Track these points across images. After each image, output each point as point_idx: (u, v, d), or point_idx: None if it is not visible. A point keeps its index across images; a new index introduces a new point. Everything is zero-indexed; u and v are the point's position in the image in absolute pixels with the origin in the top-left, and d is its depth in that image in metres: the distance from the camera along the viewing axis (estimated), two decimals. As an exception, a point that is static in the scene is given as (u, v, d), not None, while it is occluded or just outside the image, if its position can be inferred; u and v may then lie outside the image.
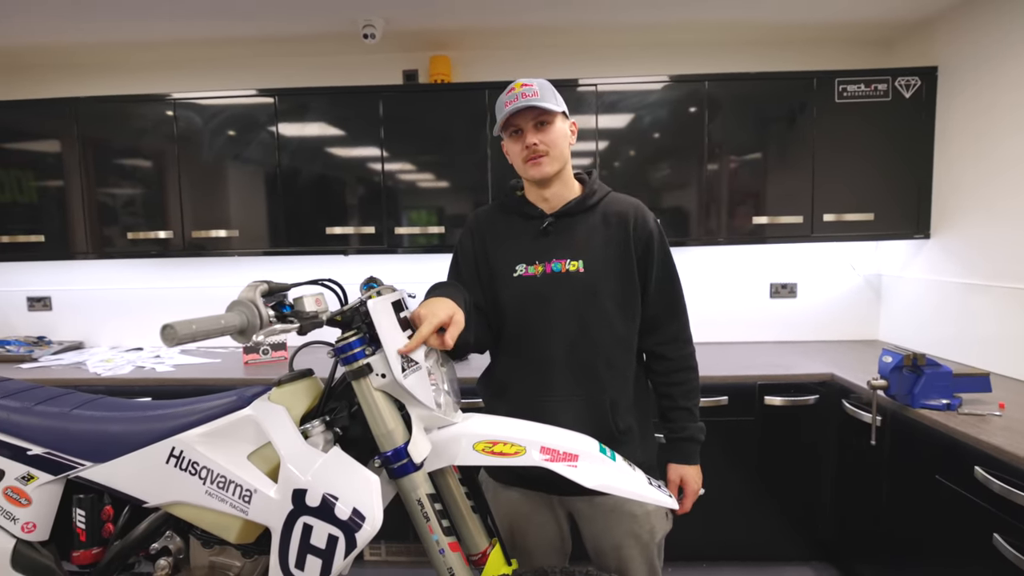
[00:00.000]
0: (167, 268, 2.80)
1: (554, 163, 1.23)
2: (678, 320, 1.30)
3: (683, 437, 1.29)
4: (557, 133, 1.23)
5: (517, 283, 1.25)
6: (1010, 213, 2.00)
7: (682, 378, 1.30)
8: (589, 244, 1.24)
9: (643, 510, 1.24)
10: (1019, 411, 1.63)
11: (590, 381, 1.23)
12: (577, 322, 1.22)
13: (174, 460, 0.98)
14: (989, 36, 2.07)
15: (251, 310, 0.82)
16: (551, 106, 1.19)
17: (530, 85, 1.21)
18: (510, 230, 1.30)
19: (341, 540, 0.87)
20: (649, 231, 1.26)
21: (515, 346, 1.27)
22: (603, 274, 1.23)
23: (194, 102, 2.39)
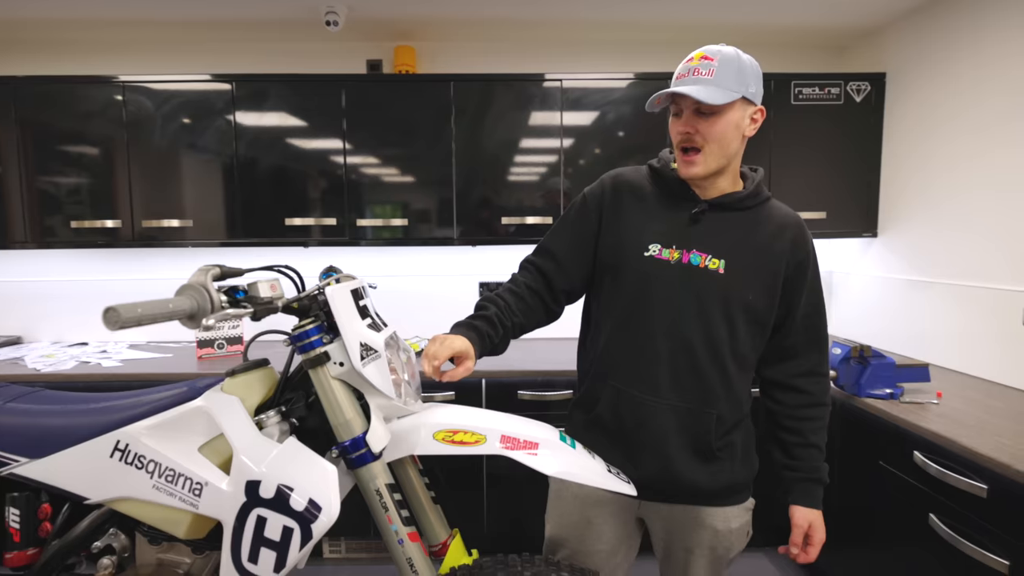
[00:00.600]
0: (114, 259, 2.68)
1: (710, 161, 1.06)
2: (820, 352, 1.17)
3: (813, 478, 1.15)
4: (724, 125, 1.04)
5: (646, 263, 1.11)
6: (950, 214, 2.11)
7: (815, 414, 1.16)
8: (737, 246, 1.10)
9: (727, 527, 1.15)
10: (955, 400, 1.73)
11: (701, 392, 1.10)
12: (702, 325, 1.09)
13: (119, 454, 0.93)
14: (933, 45, 2.17)
15: (201, 294, 0.78)
16: (714, 99, 1.00)
17: (710, 60, 1.02)
18: (656, 202, 1.14)
19: (296, 532, 0.85)
20: (807, 252, 1.13)
21: (626, 331, 1.14)
22: (743, 282, 1.09)
23: (146, 86, 2.29)
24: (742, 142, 1.10)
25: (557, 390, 2.11)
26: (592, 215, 1.19)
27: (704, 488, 1.13)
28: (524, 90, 2.34)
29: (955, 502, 1.42)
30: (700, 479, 1.12)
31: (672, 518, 1.18)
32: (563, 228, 1.23)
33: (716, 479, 1.13)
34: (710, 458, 1.13)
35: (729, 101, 1.02)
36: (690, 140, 1.06)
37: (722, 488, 1.15)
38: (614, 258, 1.16)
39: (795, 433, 1.16)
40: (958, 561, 1.40)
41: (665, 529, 1.20)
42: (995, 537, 1.31)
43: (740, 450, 1.16)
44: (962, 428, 1.49)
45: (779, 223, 1.12)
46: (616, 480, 1.04)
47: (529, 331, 1.22)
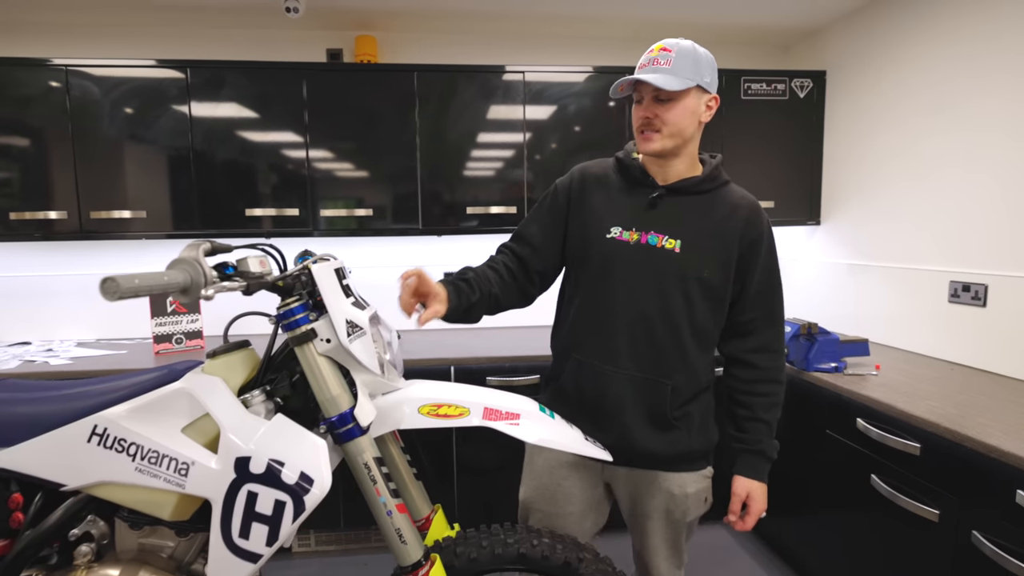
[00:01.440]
0: (58, 253, 2.54)
1: (666, 141, 1.14)
2: (774, 328, 1.23)
3: (756, 451, 1.22)
4: (681, 110, 1.12)
5: (608, 244, 1.19)
6: (885, 202, 2.29)
7: (767, 390, 1.22)
8: (693, 226, 1.17)
9: (682, 492, 1.22)
10: (891, 372, 1.89)
11: (657, 363, 1.18)
12: (659, 300, 1.17)
13: (97, 439, 0.92)
14: (870, 44, 2.34)
15: (195, 268, 0.79)
16: (671, 85, 1.08)
17: (668, 51, 1.11)
18: (617, 190, 1.23)
19: (289, 505, 0.86)
20: (760, 232, 1.19)
21: (590, 308, 1.22)
22: (698, 261, 1.16)
23: (92, 71, 2.19)
24: (698, 128, 1.17)
25: (524, 375, 2.16)
26: (561, 203, 1.28)
27: (660, 455, 1.20)
28: (487, 82, 2.37)
29: (893, 462, 1.56)
30: (656, 446, 1.20)
31: (633, 482, 1.26)
32: (537, 215, 1.31)
33: (672, 447, 1.20)
34: (666, 427, 1.19)
35: (684, 88, 1.10)
36: (649, 124, 1.14)
37: (677, 455, 1.22)
38: (580, 241, 1.24)
39: (745, 407, 1.23)
40: (896, 515, 1.54)
41: (628, 495, 1.28)
42: (927, 490, 1.46)
43: (697, 421, 1.23)
44: (898, 395, 1.64)
45: (734, 204, 1.20)
46: (593, 447, 1.09)
47: (504, 308, 1.28)
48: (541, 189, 2.45)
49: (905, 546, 1.53)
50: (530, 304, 1.32)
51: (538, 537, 1.11)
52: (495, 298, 1.23)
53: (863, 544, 1.69)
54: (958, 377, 1.81)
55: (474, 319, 1.22)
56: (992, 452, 1.28)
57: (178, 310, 2.32)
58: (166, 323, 2.29)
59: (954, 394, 1.64)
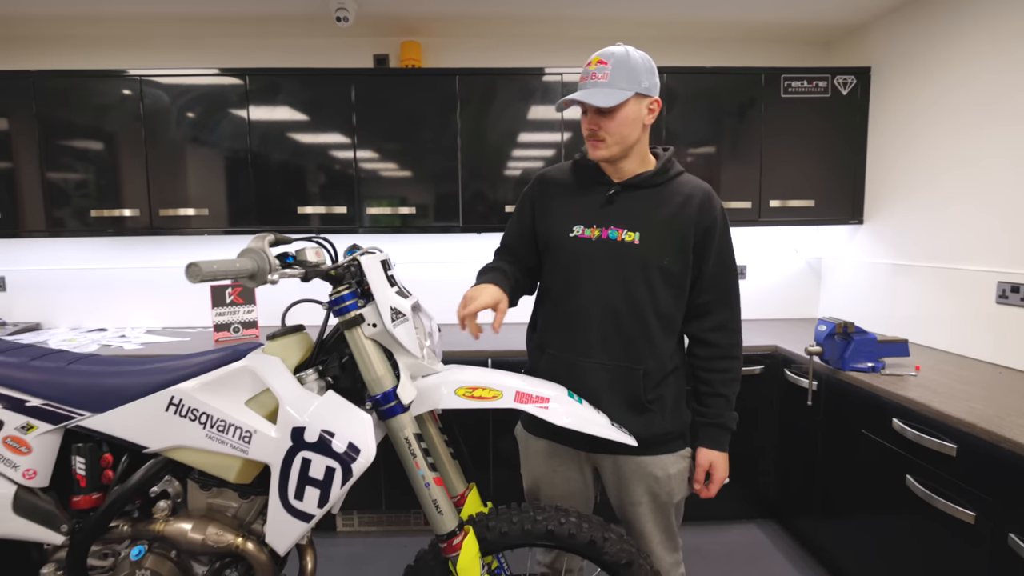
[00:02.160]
0: (127, 248, 2.77)
1: (613, 149, 1.22)
2: (729, 308, 1.30)
3: (716, 423, 1.30)
4: (621, 120, 1.19)
5: (571, 243, 1.27)
6: (931, 201, 2.24)
7: (724, 366, 1.30)
8: (649, 219, 1.24)
9: (665, 473, 1.28)
10: (932, 373, 1.85)
11: (627, 351, 1.25)
12: (623, 292, 1.24)
13: (174, 408, 1.04)
14: (916, 40, 2.29)
15: (261, 256, 0.89)
16: (607, 102, 1.16)
17: (605, 64, 1.17)
18: (576, 191, 1.31)
19: (338, 471, 0.96)
20: (713, 217, 1.25)
21: (561, 304, 1.30)
22: (657, 250, 1.23)
23: (162, 80, 2.38)
24: (643, 130, 1.25)
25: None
26: (527, 210, 1.39)
27: (639, 437, 1.24)
28: (526, 83, 2.45)
29: (928, 462, 1.55)
30: (634, 430, 1.24)
31: (618, 473, 1.31)
32: (512, 224, 1.44)
33: (649, 429, 1.26)
34: (642, 410, 1.26)
35: (622, 101, 1.17)
36: (594, 135, 1.22)
37: (655, 437, 1.27)
38: (547, 242, 1.33)
39: (706, 383, 1.31)
40: (932, 517, 1.52)
41: (615, 486, 1.33)
42: (963, 491, 1.44)
43: (670, 403, 1.29)
44: (935, 395, 1.62)
45: (687, 193, 1.27)
46: (618, 432, 1.15)
47: (525, 293, 1.41)
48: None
49: (941, 548, 1.52)
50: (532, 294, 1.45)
51: (566, 516, 1.17)
52: (522, 282, 1.37)
53: (898, 546, 1.67)
54: (1004, 380, 1.76)
55: (516, 302, 1.34)
56: (1029, 453, 1.27)
57: (236, 301, 2.49)
58: (225, 313, 2.46)
59: (995, 396, 1.60)
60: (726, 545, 2.29)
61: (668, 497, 1.30)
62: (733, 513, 2.47)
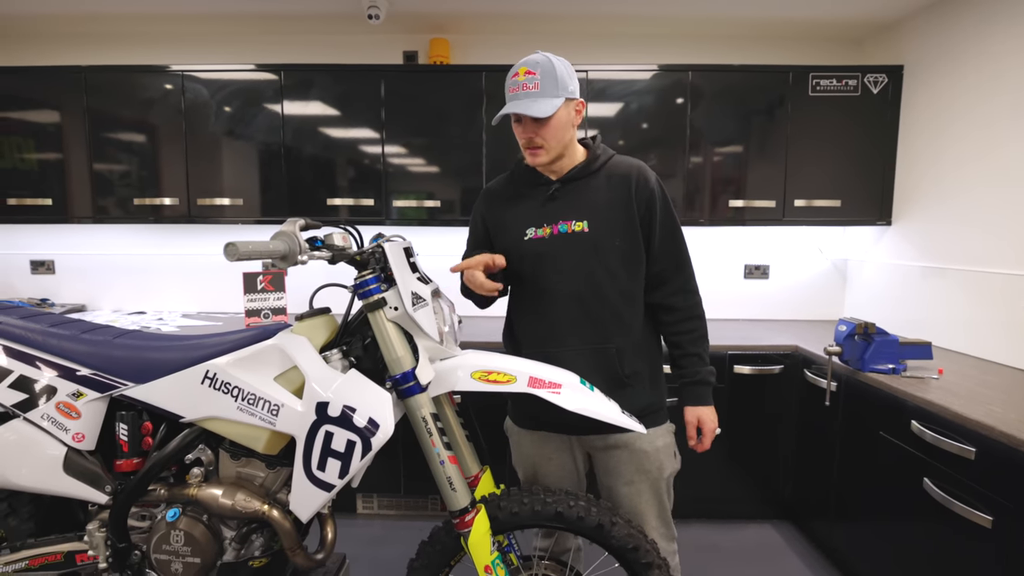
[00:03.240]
0: (167, 235, 2.90)
1: (551, 153, 1.29)
2: (683, 272, 1.36)
3: (695, 380, 1.36)
4: (555, 126, 1.26)
5: (527, 245, 1.33)
6: (961, 204, 2.19)
7: (690, 326, 1.36)
8: (593, 205, 1.31)
9: (653, 447, 1.34)
10: (955, 377, 1.83)
11: (597, 332, 1.31)
12: (584, 278, 1.30)
13: (208, 381, 1.12)
14: (951, 39, 2.25)
15: (292, 239, 0.96)
16: (544, 112, 1.22)
17: (533, 74, 1.23)
18: (520, 197, 1.38)
19: (358, 444, 1.02)
20: (651, 190, 1.32)
21: (529, 304, 1.37)
22: (607, 232, 1.29)
23: (202, 75, 2.49)
24: (573, 129, 1.33)
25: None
26: (480, 228, 1.46)
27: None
28: (552, 80, 2.47)
29: (946, 465, 1.53)
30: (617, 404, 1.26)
31: (607, 452, 1.36)
32: (469, 243, 1.51)
33: (632, 402, 1.30)
34: (622, 385, 1.31)
35: (555, 110, 1.23)
36: (532, 143, 1.28)
37: (639, 410, 1.29)
38: (506, 250, 1.37)
39: (677, 346, 1.38)
40: (947, 520, 1.51)
41: (606, 468, 1.38)
42: (980, 495, 1.43)
43: (647, 375, 1.36)
44: (955, 398, 1.60)
45: (622, 173, 1.33)
46: (628, 419, 1.18)
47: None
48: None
49: (956, 552, 1.50)
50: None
51: (575, 499, 1.21)
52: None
53: (913, 549, 1.66)
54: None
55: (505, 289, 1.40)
56: (1048, 457, 1.25)
57: (267, 288, 2.59)
58: (256, 299, 2.57)
59: (1017, 400, 1.58)
60: (741, 544, 2.30)
61: (659, 472, 1.36)
62: (749, 513, 2.47)
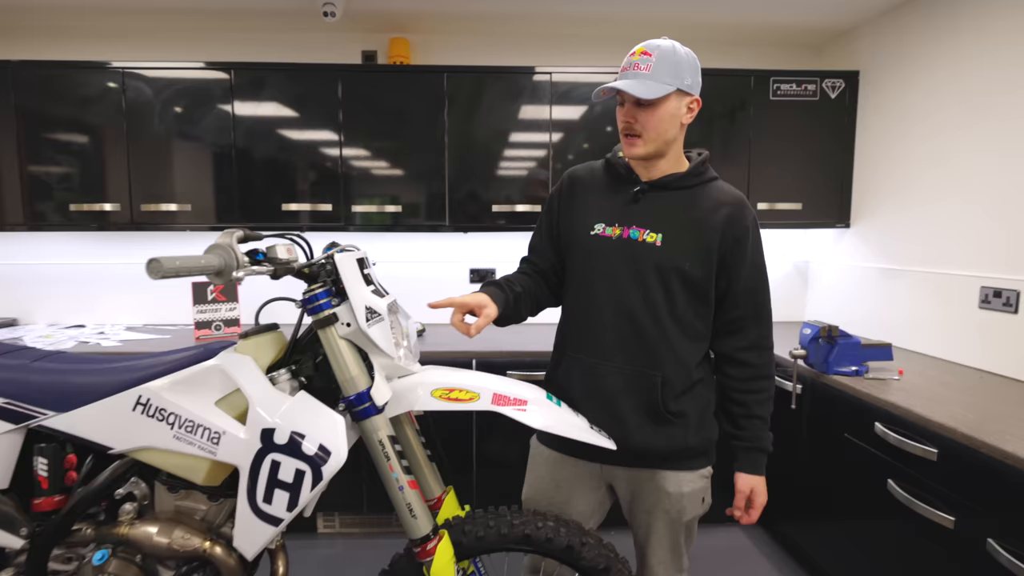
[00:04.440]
0: (110, 243, 2.72)
1: (648, 146, 1.17)
2: (762, 325, 1.24)
3: (756, 447, 1.24)
4: (660, 115, 1.14)
5: (591, 241, 1.23)
6: (917, 205, 2.24)
7: (760, 386, 1.24)
8: (674, 220, 1.19)
9: (677, 490, 1.23)
10: (915, 378, 1.86)
11: (644, 355, 1.19)
12: (642, 294, 1.19)
13: (141, 407, 1.01)
14: (905, 45, 2.30)
15: (228, 253, 0.87)
16: (649, 94, 1.10)
17: (649, 55, 1.12)
18: (603, 188, 1.27)
19: (308, 474, 0.93)
20: (744, 227, 1.19)
21: (578, 305, 1.26)
22: (679, 255, 1.17)
23: (145, 73, 2.34)
24: (680, 129, 1.19)
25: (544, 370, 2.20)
26: (554, 208, 1.35)
27: (656, 450, 1.21)
28: (515, 82, 2.43)
29: (910, 467, 1.55)
30: (652, 442, 1.20)
31: (633, 480, 1.27)
32: (539, 224, 1.40)
33: (669, 443, 1.21)
34: (662, 421, 1.20)
35: (663, 95, 1.12)
36: (630, 128, 1.17)
37: (674, 452, 1.22)
38: (568, 240, 1.29)
39: (741, 405, 1.24)
40: (912, 521, 1.52)
41: (629, 491, 1.29)
42: (943, 496, 1.44)
43: (694, 418, 1.22)
44: (917, 400, 1.62)
45: (717, 200, 1.21)
46: (597, 435, 1.13)
47: (542, 305, 1.36)
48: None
49: (921, 552, 1.52)
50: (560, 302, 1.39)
51: (543, 520, 1.16)
52: (533, 296, 1.32)
53: (879, 549, 1.67)
54: (986, 385, 1.77)
55: (523, 315, 1.30)
56: (1008, 459, 1.27)
57: (218, 299, 2.45)
58: (207, 311, 2.43)
59: (977, 401, 1.61)
60: (710, 548, 2.29)
61: (678, 515, 1.25)
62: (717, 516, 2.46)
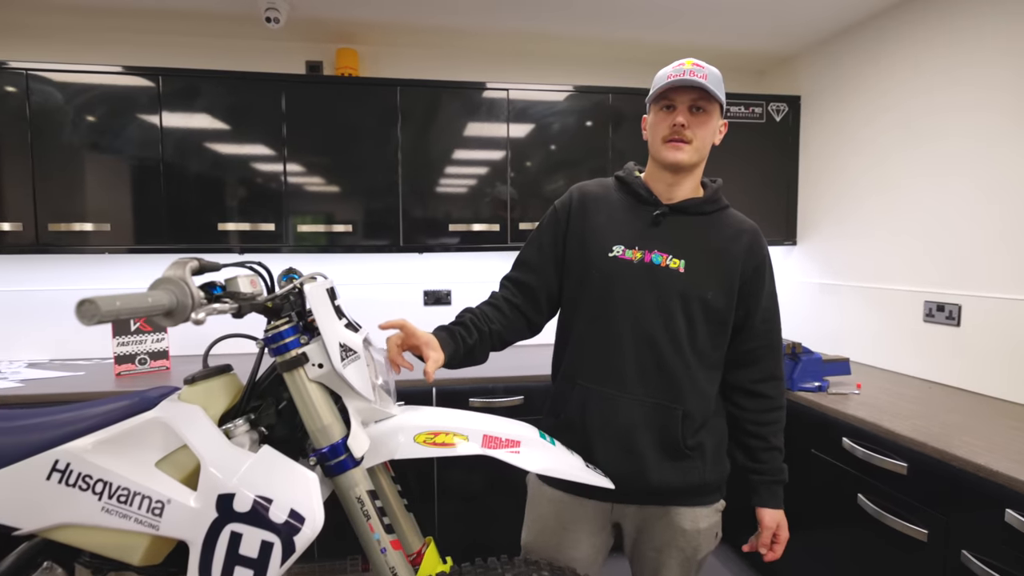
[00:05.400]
0: (8, 267, 2.38)
1: (693, 155, 1.14)
2: (775, 356, 1.22)
3: (777, 480, 1.21)
4: (709, 127, 1.14)
5: (611, 263, 1.16)
6: (858, 223, 2.35)
7: (776, 417, 1.22)
8: (697, 247, 1.16)
9: (693, 527, 1.17)
10: (872, 390, 1.91)
11: (666, 387, 1.14)
12: (664, 321, 1.13)
13: (58, 475, 0.83)
14: (841, 72, 2.43)
15: (181, 288, 0.71)
16: (716, 91, 1.10)
17: (702, 67, 1.11)
18: (620, 208, 1.21)
19: (277, 546, 0.79)
20: (763, 256, 1.19)
21: (593, 330, 1.18)
22: (703, 282, 1.14)
23: (54, 76, 2.07)
24: (710, 149, 1.18)
25: (507, 396, 2.11)
26: (561, 222, 1.25)
27: (674, 487, 1.15)
28: (472, 98, 2.35)
29: (880, 481, 1.57)
30: (670, 479, 1.15)
31: (643, 518, 1.21)
32: (536, 238, 1.29)
33: (686, 478, 1.16)
34: (680, 456, 1.15)
35: (719, 100, 1.12)
36: (681, 133, 1.12)
37: (692, 488, 1.17)
38: (581, 261, 1.20)
39: (759, 438, 1.21)
40: (884, 535, 1.54)
41: (636, 528, 1.22)
42: (914, 509, 1.46)
43: (711, 451, 1.18)
44: (883, 414, 1.65)
45: (736, 228, 1.19)
46: (594, 475, 1.05)
47: (509, 342, 1.24)
48: (524, 207, 2.43)
49: (894, 566, 1.53)
50: (537, 333, 1.29)
51: (537, 570, 1.05)
52: (497, 335, 1.21)
53: (850, 563, 1.68)
54: (937, 396, 1.85)
55: (479, 360, 1.19)
56: (980, 471, 1.30)
57: (142, 328, 2.19)
58: (129, 343, 2.16)
59: (936, 413, 1.66)
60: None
61: (693, 552, 1.19)
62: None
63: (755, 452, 1.21)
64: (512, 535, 1.34)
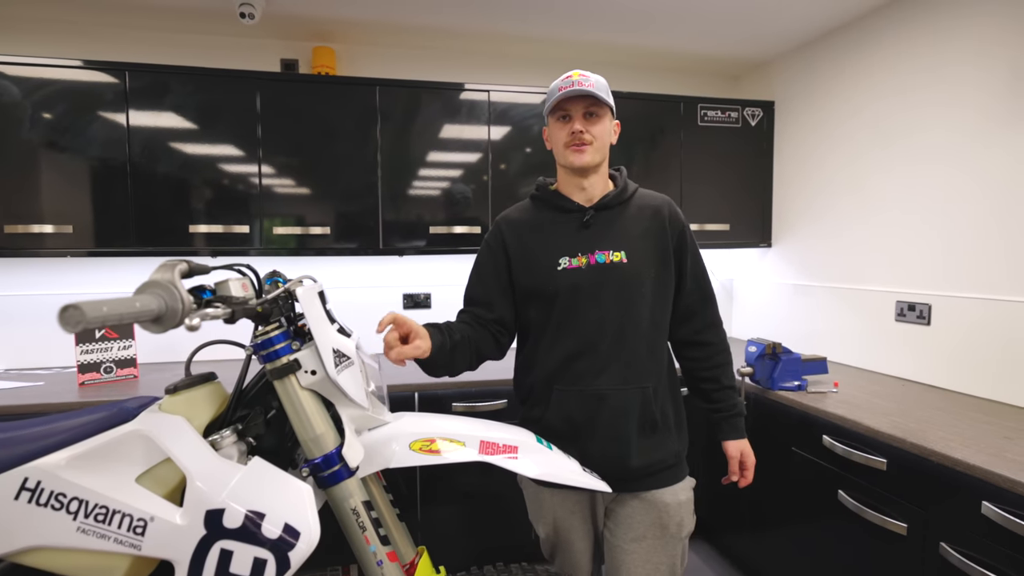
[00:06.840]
0: (-38, 272, 2.25)
1: (595, 155, 1.24)
2: (710, 305, 1.34)
3: (734, 414, 1.35)
4: (604, 127, 1.25)
5: (562, 276, 1.24)
6: (831, 225, 2.42)
7: (723, 359, 1.35)
8: (629, 235, 1.26)
9: (676, 500, 1.26)
10: (849, 389, 1.96)
11: (635, 371, 1.24)
12: (623, 311, 1.23)
13: (28, 494, 0.77)
14: (814, 77, 2.49)
15: (171, 293, 0.67)
16: (604, 96, 1.22)
17: (587, 76, 1.23)
18: (548, 224, 1.29)
19: (271, 563, 0.75)
20: (682, 223, 1.31)
21: (564, 339, 1.25)
22: (644, 264, 1.25)
23: (8, 70, 1.96)
24: (609, 147, 1.30)
25: (490, 400, 2.09)
26: (499, 254, 1.32)
27: (653, 462, 1.24)
28: (452, 99, 2.33)
29: (859, 477, 1.60)
30: (647, 456, 1.24)
31: (622, 505, 1.28)
32: (478, 274, 1.35)
33: (664, 448, 1.26)
34: (655, 428, 1.25)
35: (608, 104, 1.25)
36: (580, 137, 1.23)
37: (669, 457, 1.27)
38: (532, 283, 1.27)
39: (711, 380, 1.35)
40: (865, 529, 1.58)
41: (616, 519, 1.29)
42: (894, 504, 1.50)
43: (673, 418, 1.30)
44: (862, 411, 1.69)
45: (654, 206, 1.31)
46: (591, 478, 1.05)
47: (483, 356, 1.30)
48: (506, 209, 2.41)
49: (875, 560, 1.57)
50: (503, 355, 1.35)
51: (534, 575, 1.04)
52: (474, 343, 1.25)
53: (831, 558, 1.72)
54: (910, 393, 1.90)
55: (459, 365, 1.22)
56: (958, 466, 1.33)
57: (108, 335, 2.09)
58: (94, 350, 2.05)
59: (911, 409, 1.71)
60: (663, 571, 2.26)
61: (678, 529, 1.26)
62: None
63: (710, 394, 1.36)
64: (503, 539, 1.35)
